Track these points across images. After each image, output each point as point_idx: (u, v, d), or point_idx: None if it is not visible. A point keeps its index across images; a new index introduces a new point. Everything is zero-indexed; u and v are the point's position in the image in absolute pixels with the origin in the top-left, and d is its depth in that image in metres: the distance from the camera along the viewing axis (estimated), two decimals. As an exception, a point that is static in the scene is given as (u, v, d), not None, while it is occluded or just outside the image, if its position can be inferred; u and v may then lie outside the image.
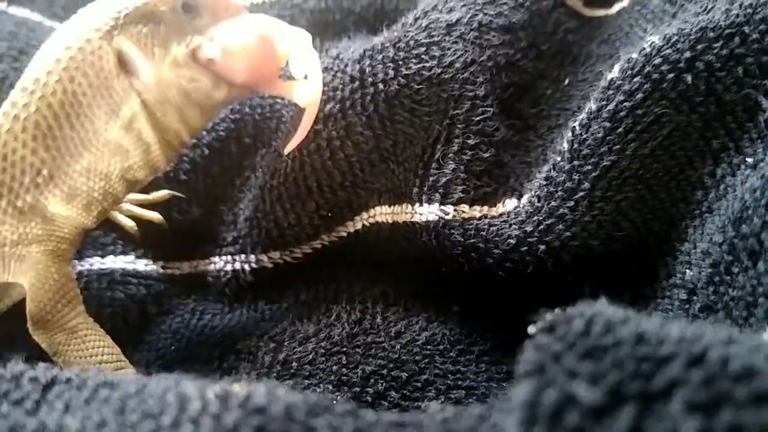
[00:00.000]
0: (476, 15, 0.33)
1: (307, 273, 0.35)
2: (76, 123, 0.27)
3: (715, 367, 0.14)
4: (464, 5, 0.34)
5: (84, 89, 0.27)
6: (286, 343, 0.31)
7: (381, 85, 0.32)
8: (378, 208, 0.34)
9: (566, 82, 0.37)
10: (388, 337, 0.30)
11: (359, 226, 0.34)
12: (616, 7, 0.41)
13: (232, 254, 0.35)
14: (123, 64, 0.28)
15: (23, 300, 0.28)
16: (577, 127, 0.29)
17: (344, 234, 0.35)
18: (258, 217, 0.34)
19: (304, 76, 0.29)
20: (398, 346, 0.29)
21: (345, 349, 0.29)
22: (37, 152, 0.27)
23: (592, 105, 0.29)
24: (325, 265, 0.35)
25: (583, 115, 0.30)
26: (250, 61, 0.29)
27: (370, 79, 0.32)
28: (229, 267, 0.35)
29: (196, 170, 0.37)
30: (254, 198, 0.34)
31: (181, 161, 0.37)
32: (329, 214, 0.34)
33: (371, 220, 0.34)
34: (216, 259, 0.36)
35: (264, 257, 0.34)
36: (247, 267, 0.35)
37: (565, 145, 0.30)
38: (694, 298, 0.25)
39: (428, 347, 0.30)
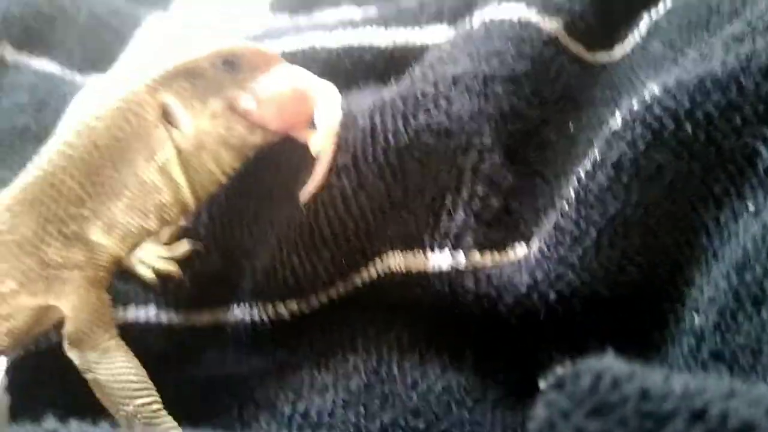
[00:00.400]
0: (481, 66, 0.35)
1: (323, 321, 0.36)
2: (118, 164, 0.31)
3: (716, 422, 0.15)
4: (469, 57, 0.35)
5: (127, 136, 0.31)
6: (305, 394, 0.31)
7: (391, 137, 0.33)
8: (391, 255, 0.35)
9: (571, 127, 0.38)
10: (404, 387, 0.30)
11: (373, 273, 0.35)
12: (618, 50, 0.42)
13: (250, 304, 0.36)
14: (166, 115, 0.32)
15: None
16: (583, 176, 0.30)
17: (358, 281, 0.36)
18: (275, 267, 0.35)
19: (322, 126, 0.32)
20: (415, 396, 0.30)
21: (363, 399, 0.30)
22: (84, 187, 0.31)
23: (596, 154, 0.30)
24: (340, 312, 0.36)
25: (588, 164, 0.31)
26: (283, 111, 0.33)
27: (380, 132, 0.33)
28: (247, 317, 0.36)
29: (215, 222, 0.38)
30: (271, 248, 0.35)
31: (201, 213, 0.38)
32: (344, 262, 0.35)
33: (385, 267, 0.35)
34: (235, 308, 0.37)
35: (282, 306, 0.35)
36: (265, 317, 0.36)
37: (572, 193, 0.31)
38: (703, 345, 0.26)
39: (444, 396, 0.30)
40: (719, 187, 0.28)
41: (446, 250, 0.32)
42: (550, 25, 0.39)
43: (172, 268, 0.37)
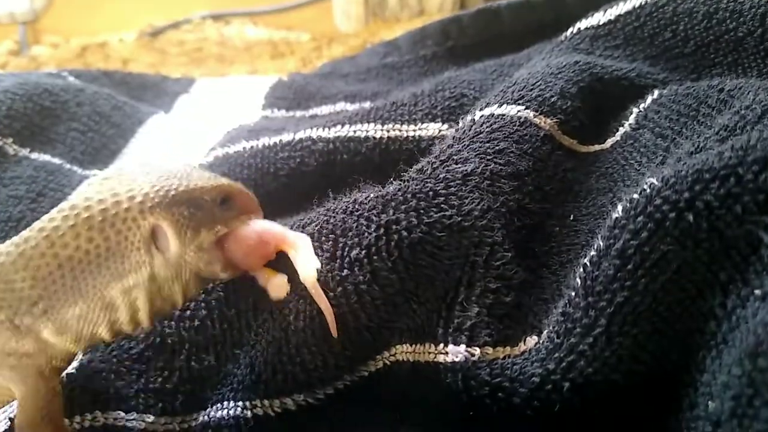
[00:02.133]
0: (488, 165, 0.36)
1: (330, 415, 0.35)
2: (78, 277, 0.30)
3: None
4: (477, 156, 0.37)
5: (99, 251, 0.29)
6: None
7: (405, 233, 0.34)
8: (399, 347, 0.35)
9: (571, 217, 0.39)
10: None
11: (380, 365, 0.35)
12: (609, 142, 0.44)
13: (251, 398, 0.35)
14: (154, 239, 0.30)
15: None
16: (588, 265, 0.31)
17: (365, 373, 0.35)
18: (282, 361, 0.34)
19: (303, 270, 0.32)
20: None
21: None
22: (35, 288, 0.29)
23: (600, 243, 0.31)
24: (347, 406, 0.35)
25: (593, 253, 0.32)
26: (248, 253, 0.33)
27: (394, 227, 0.34)
28: (248, 412, 0.35)
29: (212, 315, 0.37)
30: (276, 340, 0.35)
31: (198, 306, 0.38)
32: (354, 355, 0.34)
33: (392, 359, 0.35)
34: (231, 404, 0.36)
35: (288, 400, 0.35)
36: (270, 412, 0.35)
37: (578, 282, 0.31)
38: (719, 430, 0.26)
39: None
40: (725, 274, 0.29)
41: (460, 344, 0.32)
42: (546, 123, 0.41)
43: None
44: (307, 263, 0.31)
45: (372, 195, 0.36)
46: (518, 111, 0.40)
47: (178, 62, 0.86)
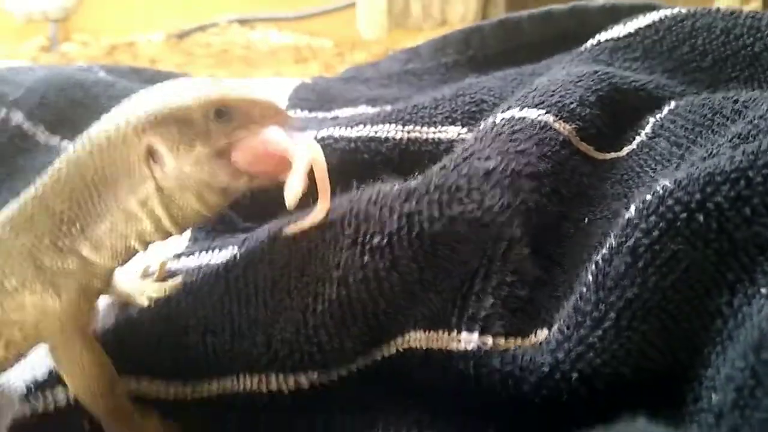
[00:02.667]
0: (509, 164, 0.37)
1: (341, 397, 0.36)
2: (102, 193, 0.34)
3: None
4: (498, 154, 0.38)
5: (111, 170, 0.34)
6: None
7: (427, 224, 0.35)
8: (412, 334, 0.36)
9: (585, 221, 0.40)
10: None
11: (393, 351, 0.36)
12: (625, 150, 0.45)
13: (267, 374, 0.36)
14: (151, 154, 0.33)
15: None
16: (600, 261, 0.32)
17: (378, 358, 0.36)
18: (300, 340, 0.35)
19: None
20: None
21: None
22: (72, 209, 0.34)
23: (612, 241, 0.32)
24: (359, 388, 0.36)
25: (604, 251, 0.33)
26: (251, 161, 0.34)
27: (416, 218, 0.35)
28: (264, 387, 0.36)
29: (230, 294, 0.39)
30: (293, 320, 0.36)
31: (218, 281, 0.39)
32: (369, 339, 0.36)
33: (405, 345, 0.36)
34: (247, 377, 0.37)
35: (303, 378, 0.36)
36: (284, 387, 0.36)
37: (590, 278, 0.32)
38: (722, 421, 0.27)
39: None
40: (732, 274, 0.30)
41: (473, 332, 0.33)
42: (564, 129, 0.42)
43: (164, 294, 0.40)
44: (291, 186, 0.33)
45: (396, 186, 0.37)
46: (538, 115, 0.42)
47: (205, 64, 0.88)
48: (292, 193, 0.33)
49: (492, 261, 0.34)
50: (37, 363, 0.38)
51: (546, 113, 0.42)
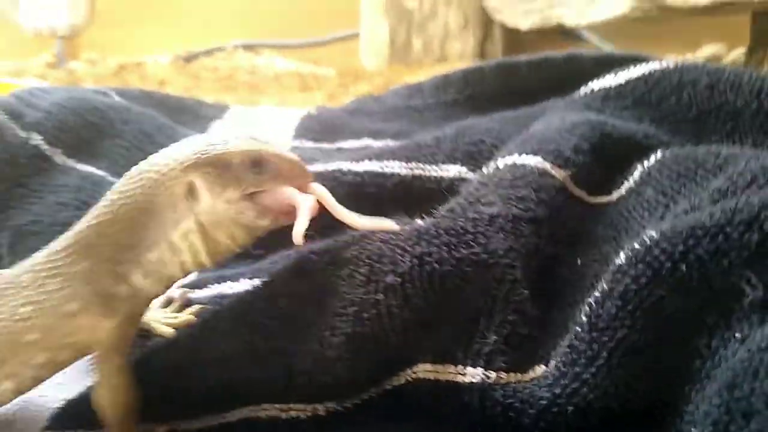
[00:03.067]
0: (511, 209, 0.41)
1: (356, 421, 0.39)
2: (150, 225, 0.37)
3: None
4: (501, 200, 0.41)
5: (158, 203, 0.37)
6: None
7: (437, 265, 0.38)
8: (421, 366, 0.39)
9: (579, 262, 0.43)
10: None
11: (403, 380, 0.39)
12: (615, 195, 0.49)
13: (286, 403, 0.39)
14: (191, 191, 0.37)
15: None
16: (594, 304, 0.35)
17: (389, 387, 0.39)
18: (318, 371, 0.38)
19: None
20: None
21: None
22: (128, 238, 0.37)
23: (604, 285, 0.36)
24: (372, 415, 0.39)
25: (597, 294, 0.36)
26: (271, 207, 0.38)
27: (427, 259, 0.38)
28: (283, 414, 0.39)
29: (252, 325, 0.41)
30: (312, 352, 0.39)
31: (240, 315, 0.42)
32: (381, 370, 0.38)
33: (414, 376, 0.39)
34: (266, 405, 0.40)
35: (320, 406, 0.39)
36: (302, 415, 0.39)
37: (584, 318, 0.36)
38: None
39: None
40: (711, 319, 0.33)
41: (478, 367, 0.37)
42: (560, 174, 0.46)
43: (183, 322, 0.45)
44: (297, 227, 0.37)
45: (407, 228, 0.40)
46: (537, 162, 0.45)
47: (211, 87, 0.91)
48: (297, 233, 0.37)
49: (495, 301, 0.38)
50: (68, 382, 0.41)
51: (543, 160, 0.46)
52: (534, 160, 0.45)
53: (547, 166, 0.45)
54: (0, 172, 0.57)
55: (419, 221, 0.42)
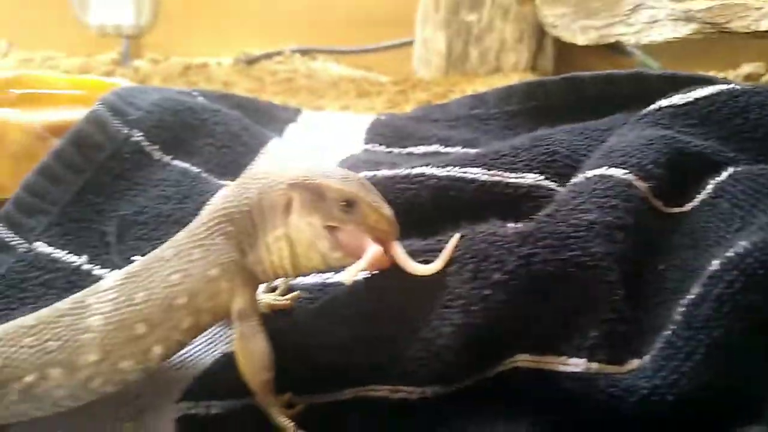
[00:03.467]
0: (606, 217, 0.44)
1: (459, 404, 0.43)
2: (258, 222, 0.43)
3: None
4: (597, 208, 0.45)
5: (265, 205, 0.43)
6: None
7: (541, 266, 0.42)
8: (520, 356, 0.43)
9: (660, 267, 0.47)
10: None
11: (502, 369, 0.43)
12: (688, 206, 0.53)
13: (396, 385, 0.43)
14: (288, 206, 0.43)
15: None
16: (690, 305, 0.39)
17: (491, 375, 0.43)
18: (428, 357, 0.42)
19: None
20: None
21: None
22: (246, 226, 0.43)
23: (699, 289, 0.40)
24: (473, 399, 0.43)
25: (691, 296, 0.40)
26: (343, 247, 0.43)
27: (533, 260, 0.42)
28: (394, 395, 0.43)
29: (364, 313, 0.45)
30: (422, 340, 0.43)
31: (351, 305, 0.46)
32: (485, 360, 0.42)
33: (512, 365, 0.43)
34: (377, 387, 0.44)
35: (428, 389, 0.42)
36: (412, 396, 0.43)
37: (680, 317, 0.39)
38: None
39: None
40: None
41: (580, 359, 0.40)
42: (642, 186, 0.49)
43: (284, 305, 0.50)
44: (351, 269, 0.41)
45: (510, 231, 0.44)
46: (623, 174, 0.49)
47: (274, 90, 0.95)
48: (348, 273, 0.41)
49: (595, 300, 0.41)
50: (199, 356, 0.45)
51: (629, 173, 0.49)
52: (620, 172, 0.49)
53: (632, 178, 0.49)
54: (105, 165, 0.61)
55: (517, 224, 0.46)
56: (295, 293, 0.51)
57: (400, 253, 0.43)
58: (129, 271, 0.43)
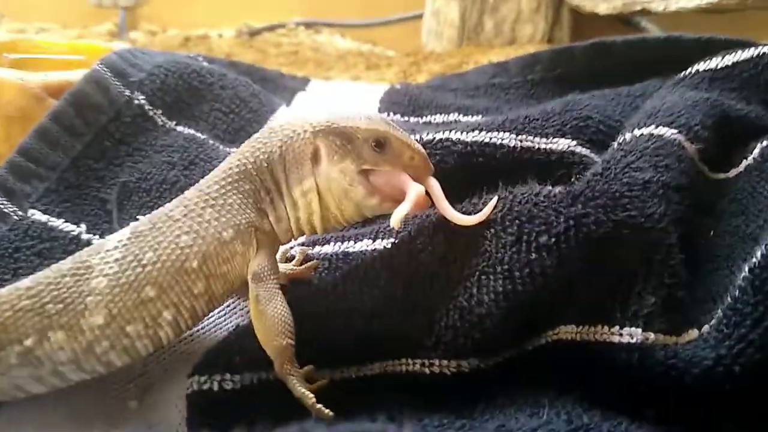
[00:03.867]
0: (661, 176, 0.41)
1: (499, 379, 0.39)
2: (280, 177, 0.40)
3: None
4: (650, 166, 0.41)
5: (289, 158, 0.40)
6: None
7: (593, 227, 0.38)
8: (563, 327, 0.39)
9: (712, 233, 0.44)
10: None
11: (543, 341, 0.40)
12: (732, 172, 0.49)
13: (429, 359, 0.39)
14: (315, 154, 0.40)
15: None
16: (757, 270, 0.36)
17: (530, 348, 0.40)
18: (465, 327, 0.38)
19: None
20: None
21: None
22: (267, 182, 0.40)
23: (765, 252, 0.36)
24: (514, 374, 0.39)
25: (755, 260, 0.36)
26: (380, 189, 0.40)
27: (584, 221, 0.38)
28: (427, 370, 0.39)
29: (395, 279, 0.41)
30: (459, 308, 0.39)
31: (382, 267, 0.42)
32: (527, 329, 0.39)
33: (554, 337, 0.39)
34: (409, 361, 0.40)
35: (464, 362, 0.39)
36: (447, 371, 0.39)
37: (744, 283, 0.36)
38: None
39: None
40: None
41: (637, 327, 0.37)
42: (691, 148, 0.46)
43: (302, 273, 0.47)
44: (399, 210, 0.38)
45: (557, 190, 0.41)
46: (672, 134, 0.45)
47: (278, 63, 0.90)
48: (397, 216, 0.38)
49: (651, 263, 0.38)
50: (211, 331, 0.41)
51: (678, 132, 0.46)
52: (669, 132, 0.46)
53: (681, 138, 0.46)
54: (106, 129, 0.57)
55: (573, 185, 0.42)
56: (313, 262, 0.48)
57: (438, 192, 0.40)
58: (135, 230, 0.39)
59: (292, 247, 0.50)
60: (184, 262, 0.38)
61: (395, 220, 0.38)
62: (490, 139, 0.55)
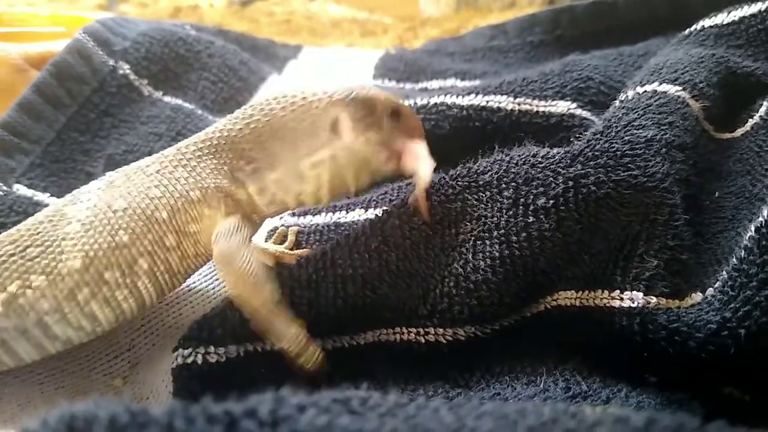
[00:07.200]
0: (665, 134, 0.39)
1: (493, 348, 0.38)
2: (283, 146, 0.38)
3: None
4: (653, 124, 0.39)
5: (297, 126, 0.38)
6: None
7: (593, 188, 0.36)
8: (562, 293, 0.38)
9: (716, 194, 0.42)
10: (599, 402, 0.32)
11: (542, 308, 0.38)
12: (738, 132, 0.47)
13: (425, 326, 0.38)
14: (334, 125, 0.38)
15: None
16: (763, 229, 0.34)
17: (528, 314, 0.38)
18: (461, 294, 0.37)
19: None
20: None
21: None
22: (253, 150, 0.38)
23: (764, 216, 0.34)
24: (512, 342, 0.38)
25: (763, 219, 0.35)
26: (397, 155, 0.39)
27: (582, 181, 0.37)
28: (422, 339, 0.38)
29: (387, 246, 0.40)
30: (454, 275, 0.37)
31: (374, 234, 0.40)
32: (525, 296, 0.37)
33: (554, 303, 0.38)
34: (403, 330, 0.38)
35: (461, 330, 0.37)
36: (443, 339, 0.37)
37: (749, 243, 0.34)
38: None
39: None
40: None
41: (638, 291, 0.35)
42: (695, 106, 0.44)
43: (291, 256, 0.45)
44: (425, 169, 0.38)
45: (555, 150, 0.39)
46: (676, 90, 0.43)
47: (271, 32, 0.88)
48: (425, 174, 0.37)
49: (654, 225, 0.36)
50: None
51: (682, 89, 0.44)
52: (673, 89, 0.44)
53: (686, 95, 0.44)
54: (89, 100, 0.56)
55: (572, 145, 0.40)
56: (304, 250, 0.46)
57: (424, 153, 0.39)
58: (108, 181, 0.39)
59: (288, 227, 0.48)
60: (154, 211, 0.37)
61: (426, 178, 0.37)
62: (487, 102, 0.53)
